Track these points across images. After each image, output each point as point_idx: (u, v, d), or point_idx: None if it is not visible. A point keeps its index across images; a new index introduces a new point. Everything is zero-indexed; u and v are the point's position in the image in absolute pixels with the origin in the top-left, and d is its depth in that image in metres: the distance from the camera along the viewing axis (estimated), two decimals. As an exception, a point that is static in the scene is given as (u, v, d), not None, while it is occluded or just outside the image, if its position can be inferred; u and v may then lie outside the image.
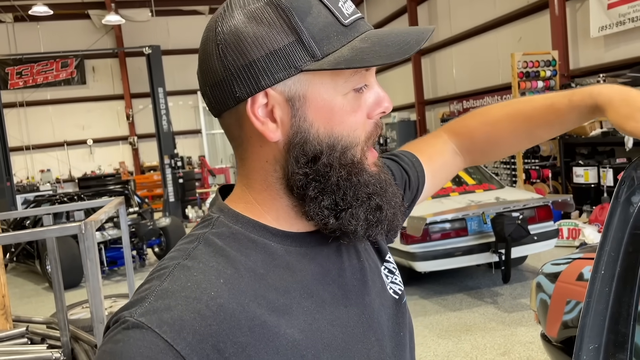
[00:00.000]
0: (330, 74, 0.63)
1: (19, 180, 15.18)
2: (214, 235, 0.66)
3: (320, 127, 0.64)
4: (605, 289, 0.86)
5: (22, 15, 14.57)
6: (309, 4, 0.63)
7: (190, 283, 0.59)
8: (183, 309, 0.57)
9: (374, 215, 0.67)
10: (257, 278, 0.63)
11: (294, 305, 0.64)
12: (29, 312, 5.90)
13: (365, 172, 0.67)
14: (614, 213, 0.86)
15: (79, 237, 2.23)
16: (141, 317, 0.56)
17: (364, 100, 0.67)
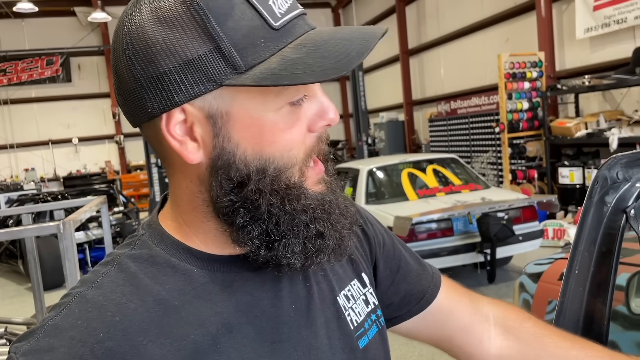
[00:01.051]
0: (258, 87, 0.54)
1: (2, 179, 14.98)
2: (130, 258, 0.59)
3: (248, 148, 0.55)
4: (579, 289, 0.86)
5: (7, 12, 14.37)
6: (230, 4, 0.52)
7: (80, 321, 0.53)
8: (65, 352, 0.51)
9: (314, 244, 0.58)
10: (168, 312, 0.55)
11: (206, 344, 0.56)
12: (10, 312, 5.82)
13: (303, 197, 0.58)
14: (587, 213, 0.85)
15: (58, 236, 2.20)
16: (22, 357, 0.51)
17: (303, 112, 0.57)
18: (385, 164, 6.26)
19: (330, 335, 0.65)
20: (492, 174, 9.65)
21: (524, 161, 8.36)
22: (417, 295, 0.79)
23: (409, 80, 13.59)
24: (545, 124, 8.00)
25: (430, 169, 6.05)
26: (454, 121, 10.84)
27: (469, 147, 10.40)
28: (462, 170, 6.23)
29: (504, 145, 8.22)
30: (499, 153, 9.14)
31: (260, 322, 0.60)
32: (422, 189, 5.73)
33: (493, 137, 9.48)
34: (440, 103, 11.56)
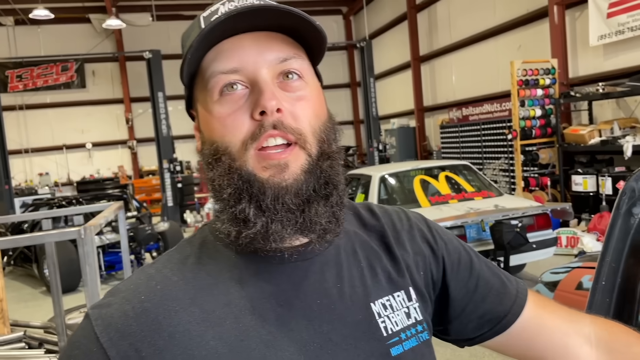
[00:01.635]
0: (201, 87, 0.68)
1: (17, 184, 15.15)
2: (189, 243, 0.72)
3: (207, 136, 0.69)
4: (606, 300, 0.86)
5: (23, 18, 14.59)
6: (190, 30, 0.70)
7: (132, 285, 0.66)
8: (116, 308, 0.64)
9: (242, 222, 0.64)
10: (201, 288, 0.66)
11: (230, 319, 0.64)
12: (26, 316, 5.87)
13: (237, 177, 0.64)
14: (615, 224, 0.86)
15: (78, 241, 2.23)
16: (91, 310, 0.65)
17: (242, 102, 0.65)
18: (397, 171, 6.25)
19: (357, 336, 0.68)
20: (504, 181, 9.60)
21: (536, 168, 8.31)
22: (497, 315, 0.78)
23: (420, 86, 13.58)
24: (558, 131, 7.95)
25: (443, 175, 6.03)
26: (465, 128, 10.81)
27: (480, 154, 10.36)
28: (474, 177, 6.20)
29: (517, 152, 8.18)
30: (511, 160, 9.09)
31: (282, 310, 0.66)
32: (434, 195, 5.72)
33: (505, 144, 9.44)
34: (452, 110, 11.54)
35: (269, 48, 0.66)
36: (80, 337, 0.64)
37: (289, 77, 0.66)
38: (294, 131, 0.64)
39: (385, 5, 14.97)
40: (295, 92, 0.66)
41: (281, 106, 0.64)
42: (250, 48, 0.65)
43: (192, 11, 16.25)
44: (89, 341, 0.63)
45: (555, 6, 8.25)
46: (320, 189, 0.66)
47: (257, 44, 0.65)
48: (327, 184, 0.66)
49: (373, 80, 13.31)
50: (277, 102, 0.64)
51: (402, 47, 14.01)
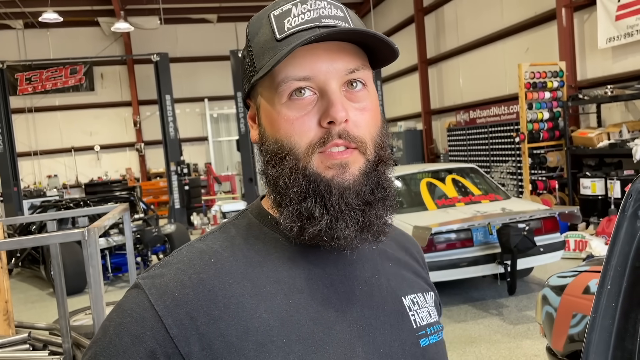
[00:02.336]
0: (268, 84, 0.71)
1: (26, 186, 15.25)
2: (232, 225, 0.76)
3: (270, 133, 0.72)
4: (611, 305, 0.84)
5: (32, 22, 14.71)
6: (259, 25, 0.72)
7: (185, 258, 0.70)
8: (171, 278, 0.68)
9: (306, 219, 0.68)
10: (252, 264, 0.70)
11: (280, 295, 0.68)
12: (32, 317, 5.90)
13: (303, 177, 0.68)
14: (620, 227, 0.84)
15: (82, 243, 2.23)
16: (142, 280, 0.68)
17: (310, 108, 0.69)
18: (404, 173, 6.23)
19: (393, 324, 0.75)
20: (512, 184, 9.54)
21: (544, 171, 8.26)
22: None
23: (428, 89, 13.55)
24: (567, 134, 7.90)
25: (450, 178, 6.01)
26: (472, 131, 10.77)
27: (488, 157, 10.31)
28: (481, 180, 6.17)
29: (524, 155, 8.13)
30: (519, 163, 9.04)
31: (329, 292, 0.71)
32: (441, 198, 5.69)
33: (513, 147, 9.39)
34: (459, 112, 11.50)
35: (340, 59, 0.70)
36: (132, 305, 0.66)
37: (354, 85, 0.71)
38: (357, 139, 0.69)
39: (393, 9, 14.97)
40: (360, 102, 0.71)
41: (348, 117, 0.69)
42: (322, 58, 0.69)
43: (199, 14, 16.33)
44: (142, 309, 0.65)
45: (563, 8, 8.21)
46: (377, 192, 0.71)
47: (329, 54, 0.69)
48: (384, 188, 0.72)
49: (380, 83, 13.30)
50: (346, 114, 0.68)
51: (409, 49, 13.98)
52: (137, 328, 0.65)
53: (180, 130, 12.38)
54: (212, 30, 16.74)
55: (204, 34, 16.69)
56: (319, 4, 0.70)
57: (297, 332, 0.67)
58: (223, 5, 15.66)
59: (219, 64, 16.33)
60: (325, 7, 0.70)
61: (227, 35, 16.29)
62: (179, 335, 0.64)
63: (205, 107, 16.83)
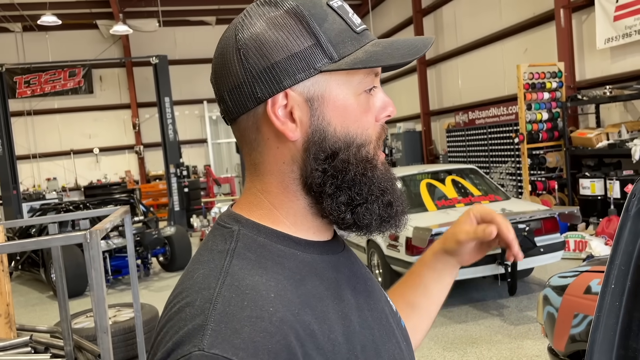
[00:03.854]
0: (345, 75, 0.67)
1: (25, 189, 15.23)
2: (244, 249, 0.65)
3: (337, 125, 0.67)
4: (615, 304, 0.85)
5: (31, 25, 14.72)
6: (325, 13, 0.67)
7: (246, 302, 0.58)
8: (250, 330, 0.56)
9: (386, 210, 0.69)
10: (298, 286, 0.64)
11: (330, 311, 0.65)
12: (33, 320, 5.90)
13: (377, 169, 0.69)
14: (624, 226, 0.84)
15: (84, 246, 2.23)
16: (213, 349, 0.54)
17: (373, 103, 0.70)
18: (403, 175, 6.24)
19: (389, 311, 0.78)
20: (511, 184, 9.55)
21: (543, 172, 8.27)
22: None
23: (427, 90, 13.57)
24: (566, 134, 7.91)
25: (449, 179, 6.02)
26: (472, 131, 10.78)
27: (487, 157, 10.32)
28: (481, 181, 6.18)
29: (524, 155, 8.15)
30: (518, 164, 9.05)
31: (355, 294, 0.71)
32: (441, 199, 5.70)
33: (512, 147, 9.40)
34: (458, 113, 11.51)
35: None
36: None
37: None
38: None
39: (391, 10, 14.99)
40: None
41: None
42: None
43: (198, 17, 16.34)
44: None
45: (561, 9, 8.23)
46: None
47: None
48: None
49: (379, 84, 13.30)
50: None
51: (407, 51, 13.99)
52: None
53: (179, 132, 12.38)
54: (210, 33, 16.75)
55: (203, 37, 16.71)
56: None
57: (359, 343, 0.66)
58: (221, 8, 15.67)
59: (218, 66, 16.34)
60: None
61: (225, 38, 16.30)
62: None
63: (204, 109, 16.83)
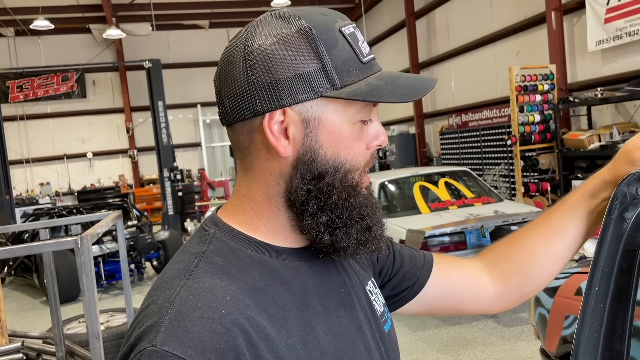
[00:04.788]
0: (344, 103, 0.69)
1: (18, 194, 15.15)
2: (213, 252, 0.69)
3: (329, 149, 0.70)
4: (599, 306, 0.86)
5: (24, 29, 14.67)
6: (335, 39, 0.69)
7: (200, 303, 0.62)
8: (200, 330, 0.59)
9: (364, 235, 0.72)
10: (258, 292, 0.67)
11: (292, 317, 0.68)
12: (26, 326, 5.86)
13: (360, 195, 0.72)
14: (607, 229, 0.85)
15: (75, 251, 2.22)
16: (164, 346, 0.58)
17: (366, 132, 0.73)
18: (396, 177, 6.26)
19: (369, 317, 0.80)
20: (505, 186, 9.59)
21: (536, 174, 8.30)
22: (415, 274, 0.94)
23: (420, 93, 13.59)
24: (558, 136, 7.96)
25: (443, 182, 6.04)
26: (465, 134, 10.82)
27: (480, 159, 10.36)
28: (474, 183, 6.20)
29: (516, 157, 8.18)
30: (511, 166, 9.09)
31: (325, 300, 0.74)
32: (434, 202, 5.72)
33: (505, 149, 9.45)
34: (452, 116, 11.56)
35: None
36: None
37: None
38: None
39: (384, 13, 15.04)
40: None
41: None
42: None
43: (191, 20, 16.34)
44: None
45: (553, 12, 8.28)
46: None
47: None
48: None
49: (372, 87, 13.34)
50: None
51: (401, 54, 14.05)
52: None
53: (173, 136, 12.36)
54: (204, 36, 16.75)
55: (196, 40, 16.70)
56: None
57: (319, 348, 0.68)
58: (215, 11, 15.68)
59: (212, 69, 16.25)
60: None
61: (219, 41, 16.30)
62: None
63: (198, 112, 16.81)
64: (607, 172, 0.90)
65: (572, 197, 0.93)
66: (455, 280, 0.96)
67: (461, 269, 0.97)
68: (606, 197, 0.88)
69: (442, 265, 0.96)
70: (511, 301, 0.97)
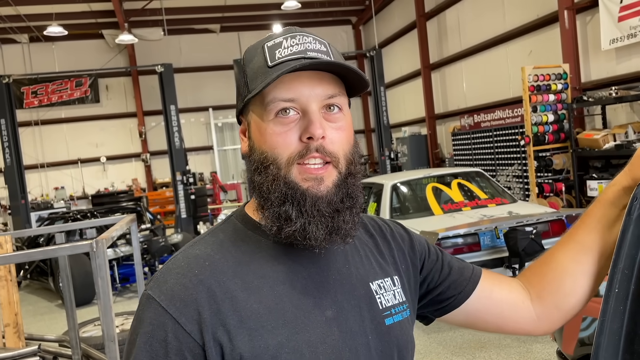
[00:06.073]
0: (258, 104, 0.83)
1: (33, 198, 15.33)
2: (220, 230, 0.88)
3: (258, 145, 0.84)
4: (619, 308, 0.84)
5: (38, 35, 14.85)
6: (254, 53, 0.85)
7: (183, 263, 0.82)
8: (174, 282, 0.80)
9: (284, 222, 0.80)
10: (241, 263, 0.82)
11: (266, 287, 0.81)
12: (42, 329, 5.92)
13: (283, 184, 0.80)
14: (626, 230, 0.84)
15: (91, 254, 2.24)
16: (150, 290, 0.80)
17: (293, 124, 0.81)
18: (409, 179, 6.23)
19: (361, 306, 0.87)
20: (518, 187, 9.51)
21: (550, 174, 8.22)
22: (462, 284, 1.00)
23: (431, 94, 13.55)
24: (572, 136, 7.87)
25: (455, 183, 6.00)
26: (477, 135, 10.75)
27: (493, 160, 10.29)
28: (487, 184, 6.15)
29: (530, 158, 8.11)
30: (525, 166, 9.01)
31: (307, 282, 0.84)
32: (447, 203, 5.68)
33: (518, 150, 9.37)
34: (464, 117, 11.49)
35: (320, 85, 0.82)
36: (149, 314, 0.78)
37: (332, 109, 0.83)
38: (331, 154, 0.81)
39: (395, 15, 15.01)
40: (336, 122, 0.83)
41: (325, 134, 0.81)
42: (306, 84, 0.81)
43: (202, 24, 16.44)
44: (158, 315, 0.77)
45: (565, 11, 8.21)
46: (346, 201, 0.83)
47: (311, 81, 0.82)
48: (352, 197, 0.84)
49: (383, 88, 13.32)
50: (323, 131, 0.80)
51: (412, 55, 14.01)
52: (161, 333, 0.76)
53: (185, 139, 12.43)
54: (215, 40, 16.83)
55: (208, 44, 16.79)
56: (306, 39, 0.83)
57: (282, 317, 0.79)
58: (226, 15, 15.75)
59: (223, 73, 16.40)
60: (311, 42, 0.83)
61: (230, 45, 16.38)
62: (194, 330, 0.76)
63: (210, 116, 16.89)
64: (625, 177, 0.91)
65: (593, 209, 0.95)
66: (499, 295, 1.00)
67: (505, 285, 1.01)
68: (627, 203, 0.90)
69: (488, 280, 1.01)
70: (553, 321, 1.00)
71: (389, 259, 0.96)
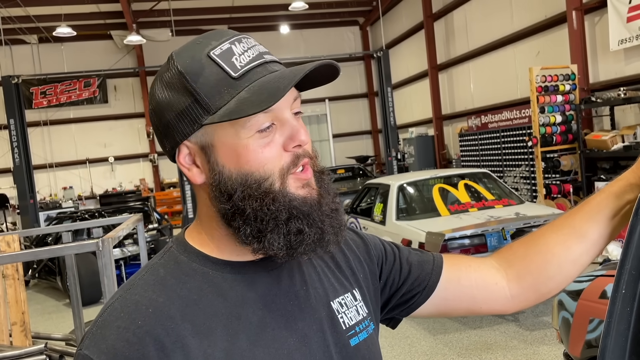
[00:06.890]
0: (229, 123, 0.72)
1: (42, 198, 15.44)
2: (160, 265, 0.77)
3: (232, 167, 0.73)
4: (626, 309, 0.84)
5: (47, 36, 14.95)
6: (202, 67, 0.72)
7: (123, 314, 0.70)
8: (115, 338, 0.68)
9: (295, 237, 0.73)
10: (189, 304, 0.72)
11: (219, 328, 0.72)
12: (49, 328, 5.96)
13: (283, 199, 0.73)
14: (634, 230, 0.83)
15: (97, 253, 2.26)
16: (86, 350, 0.68)
17: (276, 137, 0.74)
18: (415, 179, 6.21)
19: (324, 330, 0.80)
20: (526, 188, 9.46)
21: (558, 175, 8.18)
22: (425, 279, 0.95)
23: (438, 95, 13.52)
24: (580, 137, 7.83)
25: (462, 184, 5.97)
26: (484, 135, 10.71)
27: (500, 161, 10.24)
28: (494, 185, 6.13)
29: (537, 159, 8.07)
30: (532, 167, 8.97)
31: (263, 312, 0.76)
32: (454, 204, 5.66)
33: (525, 151, 9.32)
34: (471, 117, 11.45)
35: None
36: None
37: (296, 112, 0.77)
38: (311, 156, 0.78)
39: (402, 15, 14.99)
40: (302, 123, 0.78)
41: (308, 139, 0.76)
42: None
43: (210, 25, 16.48)
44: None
45: (574, 11, 8.16)
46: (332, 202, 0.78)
47: None
48: (335, 196, 0.79)
49: (390, 89, 13.30)
50: (307, 137, 0.76)
51: (419, 56, 13.98)
52: None
53: (192, 140, 12.45)
54: (222, 41, 16.86)
55: (215, 45, 16.82)
56: (251, 42, 0.75)
57: (240, 358, 0.71)
58: (233, 16, 15.79)
59: (230, 74, 16.46)
60: (257, 44, 0.76)
61: (237, 46, 16.41)
62: None
63: (217, 117, 16.94)
64: (632, 174, 0.89)
65: (595, 199, 0.92)
66: (467, 280, 0.96)
67: (473, 269, 0.97)
68: (631, 199, 0.88)
69: (453, 267, 0.96)
70: (528, 301, 0.97)
71: (347, 270, 0.90)
